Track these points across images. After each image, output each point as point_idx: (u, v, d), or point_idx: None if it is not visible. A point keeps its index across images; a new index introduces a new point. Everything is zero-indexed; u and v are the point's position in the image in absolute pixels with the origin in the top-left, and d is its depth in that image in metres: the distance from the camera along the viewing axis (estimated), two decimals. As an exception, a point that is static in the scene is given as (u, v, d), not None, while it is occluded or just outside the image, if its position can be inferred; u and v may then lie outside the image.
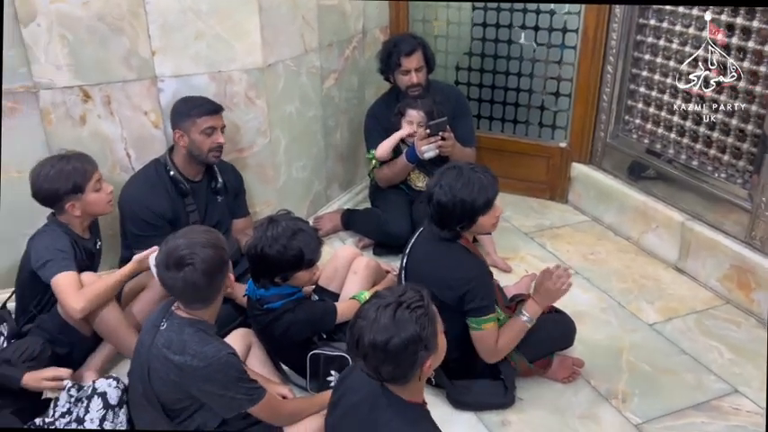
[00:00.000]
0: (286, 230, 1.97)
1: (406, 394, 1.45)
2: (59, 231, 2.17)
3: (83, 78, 2.41)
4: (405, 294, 1.40)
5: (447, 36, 3.53)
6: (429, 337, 1.38)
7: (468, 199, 1.92)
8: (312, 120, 3.09)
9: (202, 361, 1.65)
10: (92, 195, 2.17)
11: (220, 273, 1.71)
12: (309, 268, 2.02)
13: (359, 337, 1.37)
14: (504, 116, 3.52)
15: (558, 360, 2.22)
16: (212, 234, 1.76)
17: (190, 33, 2.49)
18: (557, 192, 3.51)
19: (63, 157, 2.18)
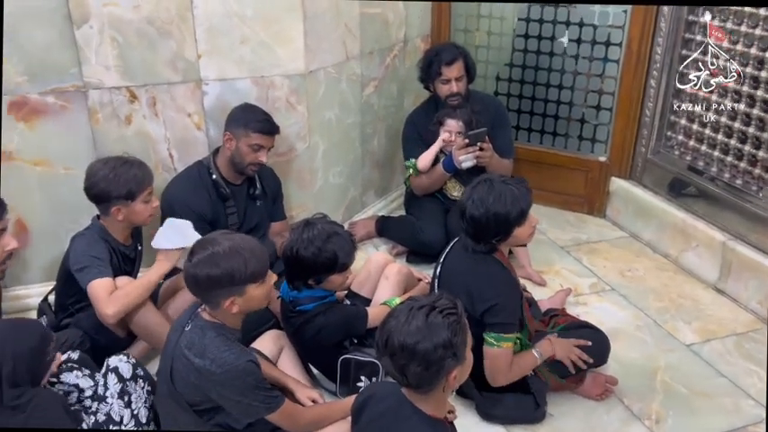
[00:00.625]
0: (321, 233, 1.99)
1: (429, 407, 1.45)
2: (97, 237, 2.21)
3: (130, 79, 2.47)
4: (439, 300, 1.41)
5: (488, 46, 3.52)
6: (459, 345, 1.38)
7: (502, 212, 1.91)
8: (350, 126, 3.12)
9: (220, 367, 1.66)
10: (139, 206, 2.20)
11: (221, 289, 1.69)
12: (343, 272, 2.04)
13: (388, 337, 1.37)
14: (544, 128, 3.49)
15: (590, 377, 2.19)
16: (254, 243, 1.75)
17: (235, 38, 2.53)
18: (594, 206, 3.47)
19: (126, 161, 2.20)
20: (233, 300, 1.68)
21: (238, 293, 1.68)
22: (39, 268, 2.61)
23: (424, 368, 1.35)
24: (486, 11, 3.46)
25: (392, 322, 1.39)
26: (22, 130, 2.41)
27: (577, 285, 2.83)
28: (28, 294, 2.59)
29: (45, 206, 2.53)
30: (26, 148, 2.44)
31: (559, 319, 2.33)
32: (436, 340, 1.34)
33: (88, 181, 2.18)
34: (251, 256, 1.68)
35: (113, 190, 2.15)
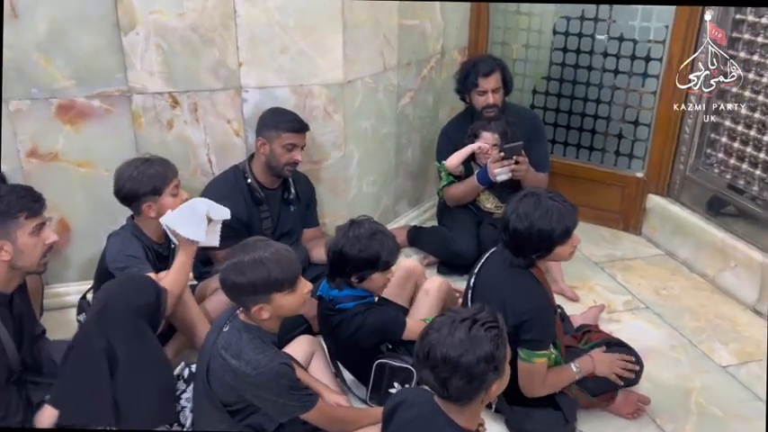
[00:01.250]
0: (366, 231, 2.01)
1: (462, 419, 1.44)
2: (130, 236, 2.26)
3: (173, 85, 2.53)
4: (480, 313, 1.41)
5: (525, 59, 3.52)
6: (501, 358, 1.37)
7: (547, 228, 1.89)
8: (386, 136, 3.14)
9: (255, 369, 1.69)
10: (168, 199, 2.24)
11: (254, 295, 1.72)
12: (385, 271, 2.04)
13: (430, 349, 1.37)
14: (580, 142, 3.47)
15: (622, 395, 2.15)
16: (284, 253, 1.77)
17: (276, 47, 2.58)
18: (630, 223, 3.43)
19: (147, 160, 2.27)
20: (261, 306, 1.72)
21: (265, 301, 1.71)
22: (78, 266, 2.68)
23: (466, 381, 1.35)
24: (524, 24, 3.47)
25: (434, 335, 1.39)
26: (67, 133, 2.49)
27: (611, 302, 2.80)
28: (67, 292, 2.66)
29: (86, 206, 2.60)
30: (71, 150, 2.52)
31: (592, 336, 2.31)
32: (479, 353, 1.34)
33: (116, 184, 2.24)
34: (275, 266, 1.70)
35: (140, 188, 2.21)
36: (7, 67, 2.34)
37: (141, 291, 1.89)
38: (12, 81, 2.36)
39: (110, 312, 1.85)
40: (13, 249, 1.77)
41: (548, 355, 1.97)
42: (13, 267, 1.80)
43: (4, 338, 1.83)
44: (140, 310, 1.85)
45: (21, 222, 1.78)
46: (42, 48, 2.34)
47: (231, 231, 2.52)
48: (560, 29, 3.36)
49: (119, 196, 2.25)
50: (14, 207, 1.78)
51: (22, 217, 1.78)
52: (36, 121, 2.44)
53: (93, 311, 1.93)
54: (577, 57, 3.34)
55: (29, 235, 1.79)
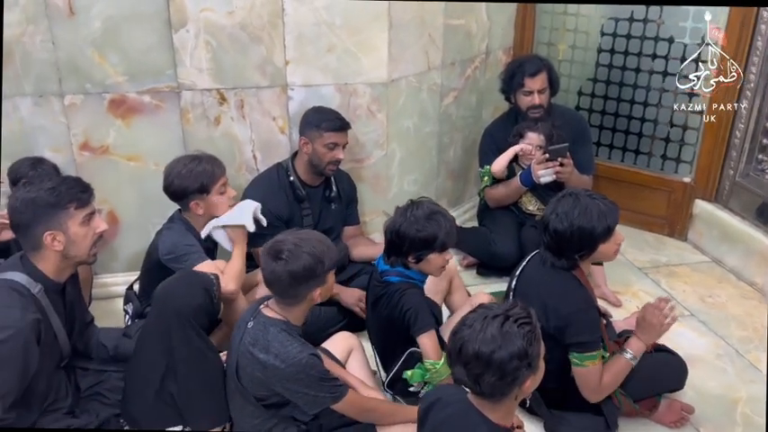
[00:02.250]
0: (425, 212, 2.01)
1: (496, 416, 1.43)
2: (183, 229, 2.31)
3: (221, 82, 2.57)
4: (512, 309, 1.40)
5: (572, 60, 3.48)
6: (534, 355, 1.37)
7: (587, 227, 1.87)
8: (428, 135, 3.14)
9: (284, 362, 1.71)
10: (215, 197, 2.29)
11: (307, 282, 1.76)
12: (442, 252, 2.03)
13: (462, 345, 1.37)
14: (626, 145, 3.41)
15: (665, 403, 2.12)
16: (322, 246, 1.80)
17: (322, 46, 2.60)
18: (676, 228, 3.36)
19: (196, 157, 2.32)
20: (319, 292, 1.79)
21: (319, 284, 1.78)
22: (125, 258, 2.75)
23: (498, 378, 1.35)
24: (571, 25, 3.43)
25: (466, 331, 1.39)
26: (119, 127, 2.56)
27: (654, 308, 2.74)
28: (115, 282, 2.73)
29: (135, 200, 2.67)
30: (121, 144, 2.59)
31: (634, 341, 2.26)
32: (512, 350, 1.34)
33: (165, 180, 2.30)
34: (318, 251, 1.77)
35: (188, 185, 2.26)
36: (63, 63, 2.42)
37: (195, 290, 1.92)
38: (67, 76, 2.44)
39: (166, 314, 1.90)
40: (65, 239, 1.81)
41: (599, 355, 1.93)
42: (66, 257, 1.84)
43: (55, 325, 1.88)
44: (195, 310, 1.89)
45: (71, 213, 1.81)
46: (97, 44, 2.41)
47: (272, 229, 2.56)
48: (608, 30, 3.31)
49: (167, 192, 2.30)
50: (64, 198, 1.81)
51: (71, 207, 1.82)
52: (89, 115, 2.52)
53: (152, 314, 1.98)
54: (625, 58, 3.28)
55: (79, 225, 1.83)
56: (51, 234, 1.79)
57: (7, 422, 1.67)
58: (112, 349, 2.11)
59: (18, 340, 1.68)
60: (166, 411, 1.90)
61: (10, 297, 1.75)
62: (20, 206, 1.81)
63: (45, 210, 1.79)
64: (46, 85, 2.44)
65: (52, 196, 1.80)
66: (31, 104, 2.46)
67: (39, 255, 1.82)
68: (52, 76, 2.43)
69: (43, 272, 1.82)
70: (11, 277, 1.79)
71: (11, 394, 1.68)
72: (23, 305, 1.75)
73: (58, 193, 1.81)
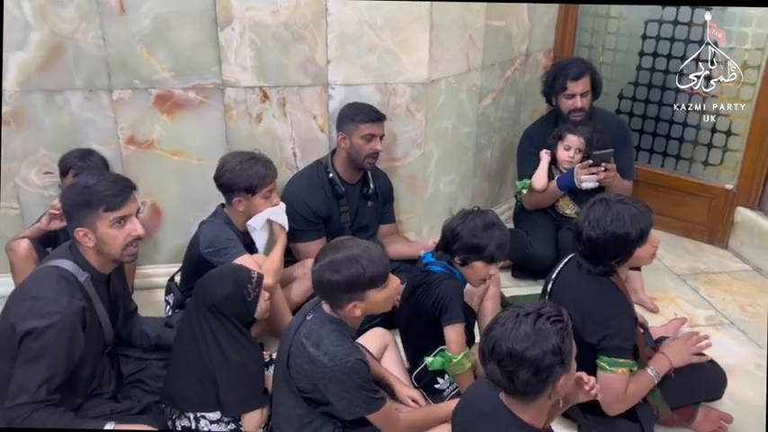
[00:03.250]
0: (485, 221, 2.04)
1: (528, 416, 1.43)
2: (223, 223, 2.37)
3: (264, 80, 2.62)
4: (544, 308, 1.40)
5: (613, 63, 3.44)
6: (567, 352, 1.37)
7: (621, 232, 1.86)
8: (466, 136, 3.14)
9: (331, 360, 1.71)
10: (259, 200, 2.34)
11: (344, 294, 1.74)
12: (489, 263, 2.05)
13: (495, 343, 1.38)
14: (667, 150, 3.37)
15: (703, 411, 2.09)
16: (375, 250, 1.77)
17: (364, 45, 2.63)
18: (716, 236, 3.31)
19: (253, 157, 2.36)
20: (355, 304, 1.74)
21: (359, 299, 1.73)
22: (167, 250, 2.81)
23: (532, 375, 1.35)
24: (613, 27, 3.39)
25: (498, 329, 1.40)
26: (164, 122, 2.62)
27: (693, 316, 2.71)
28: (156, 273, 2.80)
29: (178, 194, 2.73)
30: (166, 139, 2.65)
31: (671, 349, 2.24)
32: (546, 346, 1.34)
33: (218, 171, 2.35)
34: (369, 263, 1.71)
35: (237, 182, 2.30)
36: (113, 59, 2.49)
37: (226, 282, 1.96)
38: (116, 72, 2.51)
39: (200, 304, 1.96)
40: (95, 238, 1.84)
41: (630, 365, 1.91)
42: (100, 253, 1.88)
43: (100, 313, 1.95)
44: (222, 300, 1.93)
45: (99, 214, 1.83)
46: (146, 41, 2.48)
47: (311, 225, 2.61)
48: (651, 33, 3.27)
49: (217, 183, 2.36)
50: (95, 199, 1.83)
51: (100, 209, 1.83)
52: (136, 110, 2.59)
53: (190, 303, 2.05)
54: (668, 62, 3.24)
55: (108, 227, 1.84)
56: (82, 231, 1.83)
57: (52, 403, 1.73)
58: (154, 338, 2.17)
59: (65, 325, 1.74)
60: (205, 396, 1.94)
61: (58, 284, 1.81)
62: (62, 198, 1.87)
63: (77, 207, 1.83)
64: (96, 80, 2.51)
65: (84, 195, 1.83)
66: (81, 98, 2.54)
67: (80, 247, 1.88)
68: (102, 72, 2.50)
69: (89, 261, 1.89)
70: (60, 264, 1.86)
71: (57, 378, 1.74)
72: (71, 292, 1.81)
73: (91, 194, 1.83)
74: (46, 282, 1.82)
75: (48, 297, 1.76)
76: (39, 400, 1.70)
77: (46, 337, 1.70)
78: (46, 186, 2.64)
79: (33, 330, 1.70)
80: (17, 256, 2.36)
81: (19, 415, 1.69)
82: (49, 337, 1.71)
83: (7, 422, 1.73)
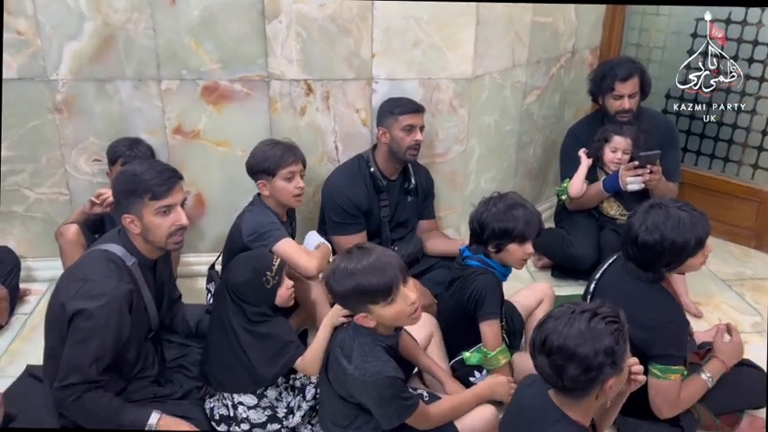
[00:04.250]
0: (508, 203, 2.05)
1: (576, 413, 1.43)
2: (264, 208, 2.40)
3: (309, 73, 2.64)
4: (601, 308, 1.39)
5: (661, 62, 3.37)
6: (620, 354, 1.36)
7: (680, 240, 1.80)
8: (508, 133, 3.12)
9: (362, 375, 1.67)
10: (280, 182, 2.36)
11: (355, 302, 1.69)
12: (522, 244, 2.04)
13: (546, 336, 1.38)
14: (715, 152, 3.29)
15: (747, 420, 2.04)
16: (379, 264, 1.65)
17: (409, 40, 2.62)
18: (764, 241, 3.22)
19: (276, 142, 2.41)
20: (365, 315, 1.69)
21: (365, 312, 1.68)
22: (210, 239, 2.86)
23: (581, 372, 1.34)
24: (662, 25, 3.32)
25: (551, 323, 1.40)
26: (210, 113, 2.66)
27: (738, 322, 2.63)
28: (198, 262, 2.84)
29: (221, 184, 2.77)
30: (212, 130, 2.69)
31: (716, 354, 2.19)
32: (598, 346, 1.33)
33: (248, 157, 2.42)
34: (366, 277, 1.62)
35: (256, 165, 2.37)
36: (162, 50, 2.54)
37: (244, 268, 2.00)
38: (165, 62, 2.56)
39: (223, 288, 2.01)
40: (141, 225, 1.89)
41: (682, 371, 1.88)
42: (146, 240, 1.92)
43: (146, 298, 1.99)
44: (240, 285, 1.96)
45: (145, 202, 1.87)
46: (194, 32, 2.52)
47: (351, 218, 2.62)
48: (701, 32, 3.19)
49: (246, 168, 2.42)
50: (141, 187, 1.87)
51: (146, 198, 1.87)
52: (183, 101, 2.63)
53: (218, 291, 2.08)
54: (719, 62, 3.16)
55: (153, 215, 1.88)
56: (129, 218, 1.88)
57: (101, 384, 1.78)
58: (195, 325, 2.21)
59: (113, 307, 1.78)
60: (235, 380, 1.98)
61: (107, 267, 1.86)
62: (113, 185, 1.92)
63: (125, 195, 1.88)
64: (145, 70, 2.56)
65: (132, 183, 1.87)
66: (131, 88, 2.59)
67: (127, 232, 1.92)
68: (151, 62, 2.55)
69: (136, 247, 1.93)
70: (109, 248, 1.91)
71: (105, 358, 1.78)
72: (119, 275, 1.86)
73: (138, 182, 1.87)
74: (95, 264, 1.87)
75: (97, 279, 1.81)
76: (90, 380, 1.75)
77: (95, 319, 1.74)
78: (94, 174, 2.71)
79: (83, 311, 1.74)
80: (66, 240, 2.44)
81: (70, 394, 1.74)
82: (98, 318, 1.75)
83: (56, 401, 1.78)
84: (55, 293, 1.86)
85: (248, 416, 1.99)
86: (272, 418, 2.00)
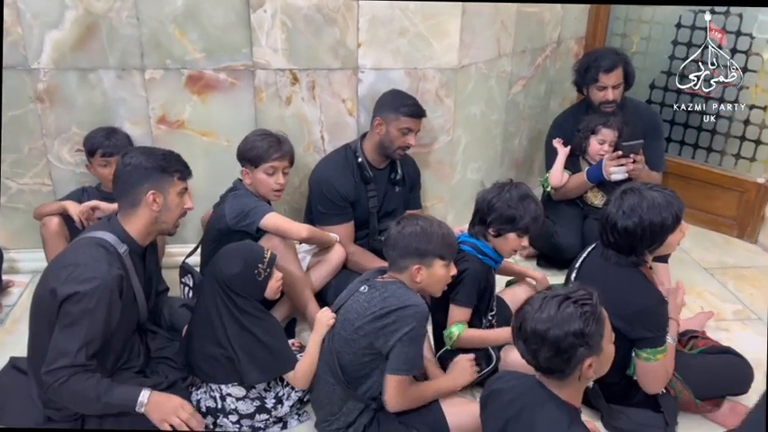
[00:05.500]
0: (520, 192, 2.10)
1: (563, 394, 1.46)
2: (246, 191, 2.42)
3: (294, 63, 2.62)
4: (575, 291, 1.43)
5: (645, 53, 3.39)
6: (592, 335, 1.39)
7: (657, 220, 1.85)
8: (494, 123, 3.12)
9: (403, 303, 1.80)
10: (261, 175, 2.38)
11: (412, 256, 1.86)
12: (521, 236, 2.11)
13: (522, 322, 1.43)
14: (698, 142, 3.32)
15: (729, 405, 2.08)
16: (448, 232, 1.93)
17: (394, 29, 2.62)
18: (746, 230, 3.26)
19: (267, 134, 2.42)
20: (420, 268, 1.85)
21: (427, 264, 1.86)
22: (194, 229, 2.84)
23: (554, 354, 1.39)
24: (647, 16, 3.34)
25: (527, 308, 1.45)
26: (195, 103, 2.64)
27: (720, 310, 2.68)
28: (183, 252, 2.80)
29: (206, 173, 2.73)
30: (196, 120, 2.67)
31: (698, 342, 2.23)
32: (567, 328, 1.37)
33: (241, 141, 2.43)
34: (448, 238, 1.90)
35: (242, 152, 2.40)
36: (146, 39, 2.51)
37: (235, 261, 1.98)
38: (149, 51, 2.53)
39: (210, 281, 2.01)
40: (162, 202, 1.93)
41: (666, 348, 1.93)
42: (156, 221, 1.96)
43: (135, 286, 1.98)
44: (231, 278, 1.95)
45: (174, 181, 1.96)
46: (178, 21, 2.49)
47: (338, 208, 2.61)
48: (686, 22, 3.22)
49: None
50: (173, 166, 1.96)
51: (176, 176, 1.96)
52: (167, 90, 2.61)
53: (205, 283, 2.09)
54: (702, 52, 3.18)
55: (177, 194, 1.97)
56: (154, 194, 1.91)
57: (90, 368, 1.77)
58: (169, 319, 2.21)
59: (104, 292, 1.77)
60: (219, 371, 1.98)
61: (98, 252, 1.86)
62: (134, 164, 1.92)
63: (155, 172, 1.93)
64: (129, 60, 2.54)
65: (164, 161, 1.95)
66: (114, 77, 2.56)
67: (133, 213, 1.93)
68: (135, 51, 2.53)
69: (130, 233, 1.93)
70: (99, 235, 1.91)
71: (95, 342, 1.77)
72: (110, 260, 1.85)
73: (169, 161, 1.96)
74: (86, 250, 1.86)
75: (88, 264, 1.80)
76: (78, 364, 1.74)
77: (86, 301, 1.74)
78: (77, 164, 2.68)
79: (74, 294, 1.74)
80: (49, 231, 2.43)
81: (57, 379, 1.72)
82: (89, 300, 1.75)
83: (44, 386, 1.76)
84: (42, 282, 1.85)
85: (237, 407, 1.99)
86: (261, 408, 2.01)
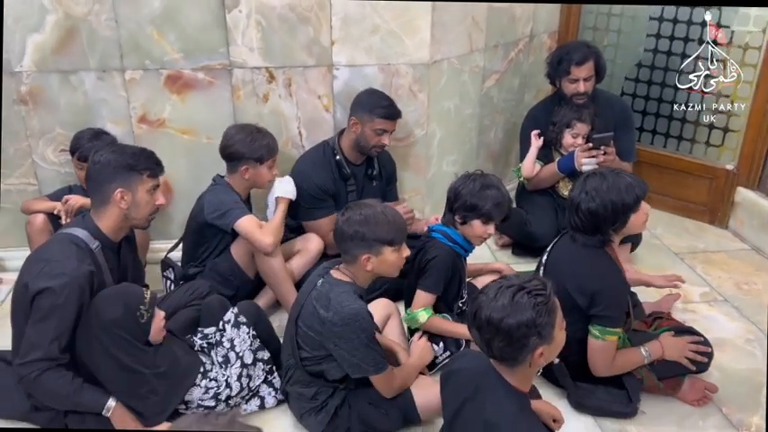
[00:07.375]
0: (484, 182, 2.19)
1: (513, 380, 1.50)
2: (226, 188, 2.50)
3: (270, 61, 2.69)
4: (530, 282, 1.46)
5: (617, 46, 3.48)
6: (544, 325, 1.41)
7: (617, 199, 1.95)
8: (468, 117, 3.20)
9: (341, 320, 1.82)
10: (264, 170, 2.50)
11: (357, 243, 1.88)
12: (486, 223, 2.19)
13: (477, 310, 1.46)
14: (669, 131, 3.41)
15: (689, 382, 2.15)
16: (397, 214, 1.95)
17: (367, 26, 2.69)
18: (716, 216, 3.35)
19: (260, 131, 2.52)
20: (369, 257, 1.88)
21: (375, 252, 1.88)
22: (178, 224, 2.90)
23: (507, 343, 1.42)
24: (618, 9, 3.42)
25: (482, 297, 1.47)
26: (174, 102, 2.71)
27: (687, 293, 2.75)
28: (167, 248, 2.88)
29: (188, 171, 2.83)
30: (176, 118, 2.74)
31: (663, 323, 2.31)
32: (520, 318, 1.40)
33: (226, 141, 2.50)
34: (392, 222, 1.90)
35: (248, 152, 2.46)
36: (125, 40, 2.58)
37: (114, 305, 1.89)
38: (128, 53, 2.60)
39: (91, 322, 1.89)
40: (131, 200, 1.99)
41: (619, 333, 2.01)
42: (126, 217, 2.01)
43: (108, 282, 2.01)
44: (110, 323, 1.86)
45: (143, 179, 2.01)
46: (156, 23, 2.56)
47: (320, 202, 2.69)
48: (655, 15, 3.30)
49: (224, 153, 2.50)
50: (141, 164, 2.01)
51: (145, 174, 2.02)
52: (147, 90, 2.68)
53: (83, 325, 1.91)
54: (671, 43, 3.27)
55: (146, 192, 2.02)
56: (122, 192, 1.97)
57: (63, 362, 1.83)
58: None
59: (73, 287, 1.83)
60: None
61: (69, 248, 1.93)
62: (103, 162, 1.98)
63: (123, 170, 1.98)
64: (109, 61, 2.61)
65: (132, 159, 2.00)
66: (95, 79, 2.63)
67: (103, 210, 1.99)
68: (115, 53, 2.60)
69: (102, 229, 1.99)
70: (72, 232, 1.97)
71: (65, 336, 1.83)
72: (80, 257, 1.91)
73: (138, 159, 2.01)
74: (58, 246, 1.93)
75: (59, 260, 1.87)
76: (51, 357, 1.81)
77: (55, 296, 1.81)
78: (62, 164, 2.75)
79: (45, 290, 1.80)
80: (33, 228, 2.50)
81: (32, 371, 1.80)
82: (59, 296, 1.81)
83: (18, 378, 1.83)
84: (19, 276, 1.92)
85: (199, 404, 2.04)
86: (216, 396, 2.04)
